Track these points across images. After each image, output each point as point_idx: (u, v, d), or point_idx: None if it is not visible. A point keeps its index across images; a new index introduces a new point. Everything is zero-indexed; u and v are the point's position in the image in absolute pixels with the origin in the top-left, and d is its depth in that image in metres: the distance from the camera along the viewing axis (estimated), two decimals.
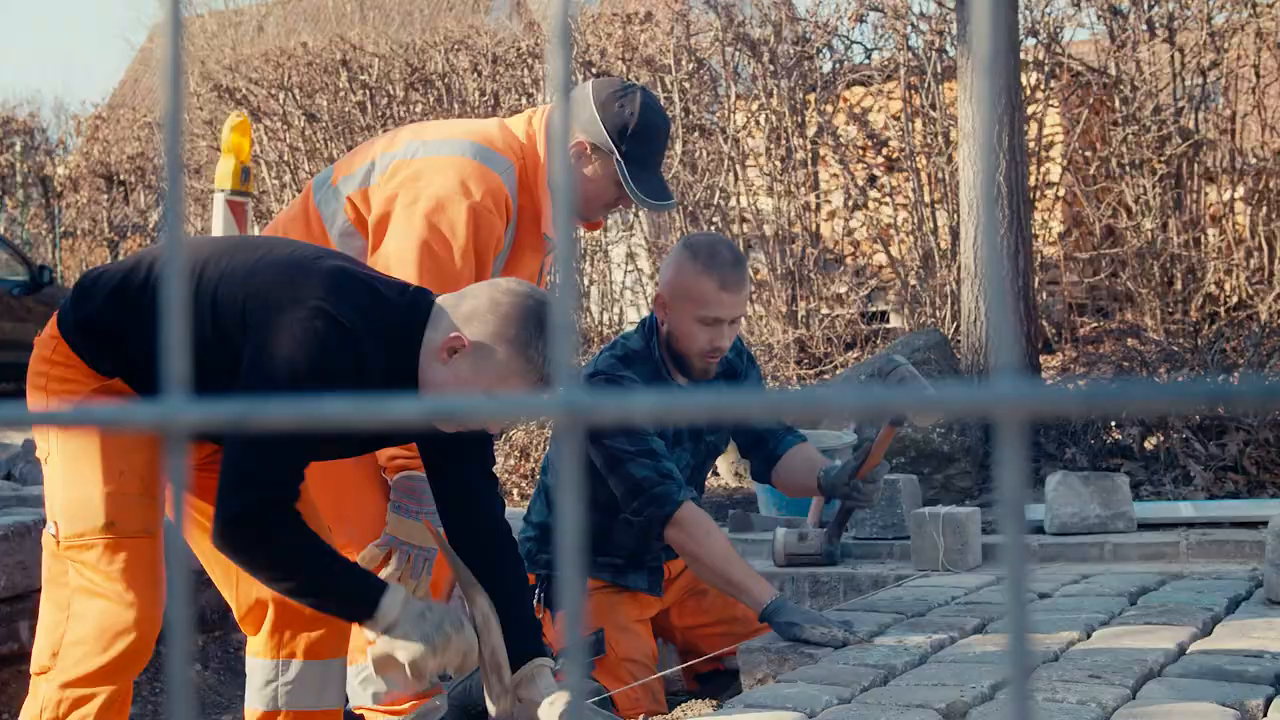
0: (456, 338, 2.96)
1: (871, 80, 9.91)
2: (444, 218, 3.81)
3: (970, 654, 3.43)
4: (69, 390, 3.13)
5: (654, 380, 4.05)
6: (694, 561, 3.94)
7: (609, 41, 10.87)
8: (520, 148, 3.96)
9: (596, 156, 3.89)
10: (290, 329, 2.90)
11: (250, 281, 3.01)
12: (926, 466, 6.64)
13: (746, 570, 3.85)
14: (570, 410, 0.59)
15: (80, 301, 3.17)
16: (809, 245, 9.89)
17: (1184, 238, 8.99)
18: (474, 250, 3.82)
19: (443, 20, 19.94)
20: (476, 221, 3.81)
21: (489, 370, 2.95)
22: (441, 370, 2.98)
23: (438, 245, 3.79)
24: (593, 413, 0.59)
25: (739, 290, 4.01)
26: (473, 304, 3.01)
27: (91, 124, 17.85)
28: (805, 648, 3.55)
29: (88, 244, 16.74)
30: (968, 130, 7.45)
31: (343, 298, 2.96)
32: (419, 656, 2.97)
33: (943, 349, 7.18)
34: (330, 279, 3.00)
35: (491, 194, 3.85)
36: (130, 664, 3.11)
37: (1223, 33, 8.92)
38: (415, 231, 3.81)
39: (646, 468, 3.90)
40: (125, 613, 3.08)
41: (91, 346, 3.12)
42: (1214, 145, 9.05)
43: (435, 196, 3.83)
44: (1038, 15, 9.26)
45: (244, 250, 3.14)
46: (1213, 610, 3.85)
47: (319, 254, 3.16)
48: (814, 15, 10.19)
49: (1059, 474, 5.51)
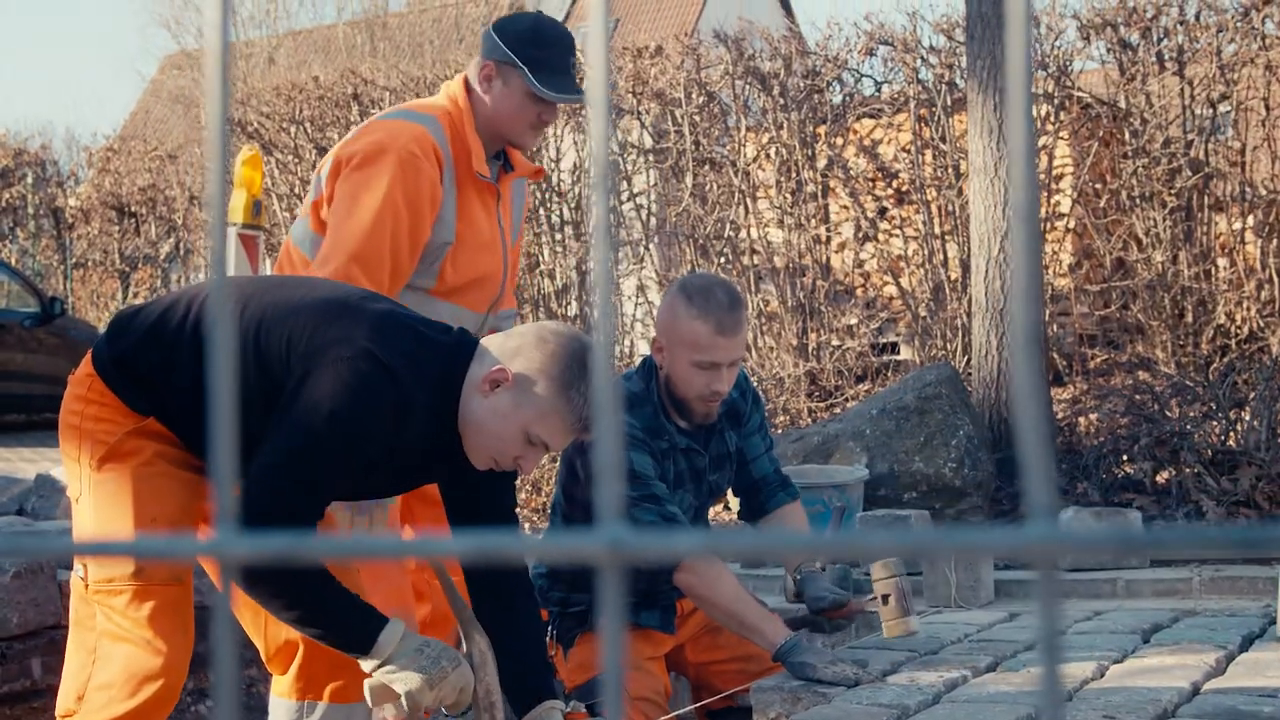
0: (500, 370, 2.97)
1: (881, 113, 9.94)
2: (369, 170, 3.89)
3: (983, 694, 3.42)
4: (105, 430, 3.10)
5: (654, 424, 4.01)
6: (705, 605, 3.94)
7: (620, 75, 10.91)
8: (442, 106, 4.09)
9: (503, 73, 4.02)
10: (335, 368, 2.91)
11: (294, 318, 3.01)
12: (938, 501, 6.63)
13: (760, 611, 3.84)
14: (614, 548, 0.59)
15: (116, 338, 3.15)
16: (819, 278, 9.90)
17: (1195, 270, 8.99)
18: (405, 195, 3.88)
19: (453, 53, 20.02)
20: (403, 167, 3.88)
21: (529, 406, 2.96)
22: (482, 404, 2.99)
23: (368, 197, 3.86)
24: (636, 550, 0.59)
25: (735, 334, 3.93)
26: (519, 341, 3.02)
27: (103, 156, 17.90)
28: (819, 687, 3.54)
29: (99, 275, 16.78)
30: (979, 165, 7.46)
31: (388, 340, 2.97)
32: (416, 688, 2.97)
33: (954, 383, 7.18)
34: (377, 320, 3.01)
35: (415, 140, 3.93)
36: (155, 710, 3.09)
37: (1232, 65, 8.94)
38: (347, 192, 3.90)
39: (651, 513, 3.87)
40: (152, 659, 3.06)
41: (128, 384, 3.10)
42: (1224, 176, 9.06)
43: (360, 154, 3.93)
44: (1048, 49, 9.28)
45: (287, 288, 3.16)
46: (1226, 648, 3.84)
47: (365, 295, 3.19)
48: (824, 49, 10.22)
49: (1071, 509, 5.51)
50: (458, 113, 4.06)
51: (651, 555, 0.58)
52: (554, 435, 3.01)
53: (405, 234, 3.88)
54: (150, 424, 3.08)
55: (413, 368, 2.95)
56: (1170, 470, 6.78)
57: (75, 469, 3.15)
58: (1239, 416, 7.21)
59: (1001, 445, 7.25)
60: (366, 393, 2.90)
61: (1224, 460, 6.72)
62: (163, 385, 3.07)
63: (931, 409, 6.89)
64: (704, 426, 4.11)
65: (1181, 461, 6.69)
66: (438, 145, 3.98)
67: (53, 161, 18.34)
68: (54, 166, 18.23)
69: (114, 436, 3.09)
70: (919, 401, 6.92)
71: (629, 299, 11.04)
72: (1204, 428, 7.12)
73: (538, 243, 11.22)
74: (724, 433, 4.20)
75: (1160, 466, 6.84)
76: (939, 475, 6.70)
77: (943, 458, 6.74)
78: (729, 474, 4.28)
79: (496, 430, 3.00)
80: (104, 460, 3.09)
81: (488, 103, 4.05)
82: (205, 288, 3.20)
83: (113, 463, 3.08)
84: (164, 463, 3.08)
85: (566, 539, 0.62)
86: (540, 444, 3.02)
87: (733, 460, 4.26)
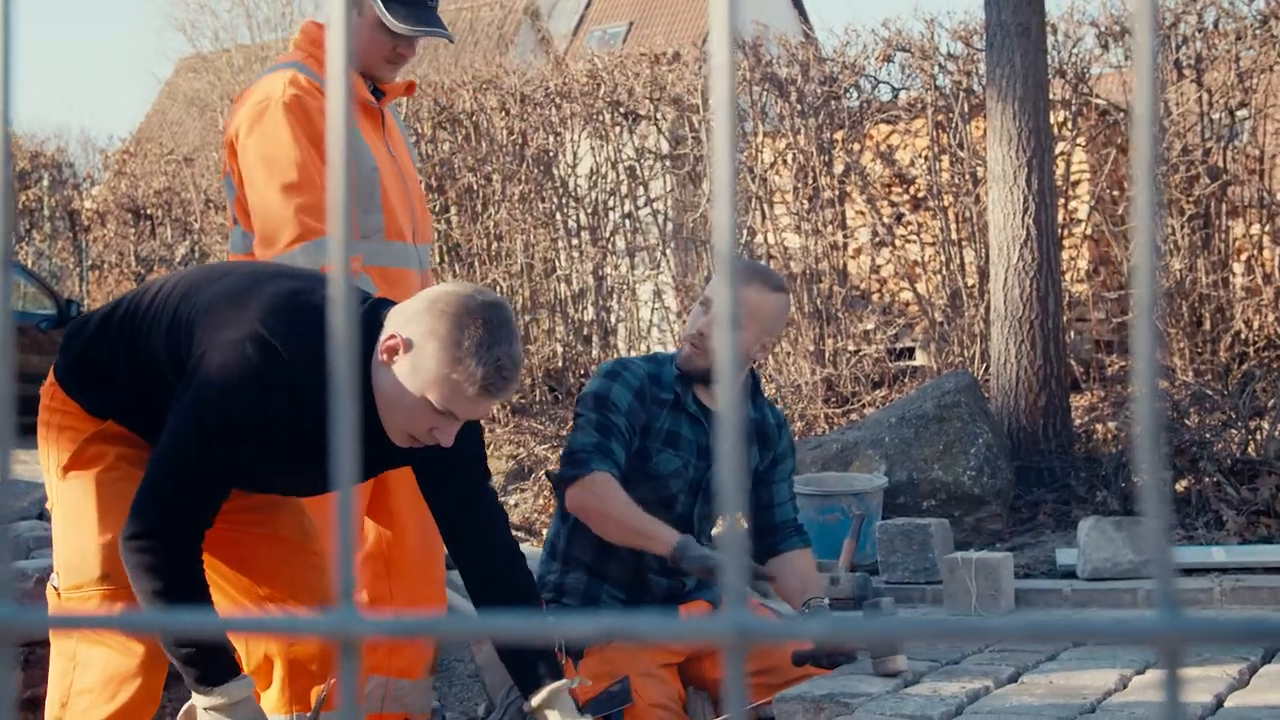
0: (392, 338, 2.83)
1: (899, 119, 9.93)
2: (263, 126, 3.84)
3: (1006, 705, 3.42)
4: (68, 438, 3.11)
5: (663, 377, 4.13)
6: (601, 521, 3.97)
7: (636, 81, 10.91)
8: (300, 52, 4.05)
9: (358, 3, 3.94)
10: (222, 352, 2.83)
11: (202, 303, 2.96)
12: (957, 509, 6.63)
13: (651, 519, 3.90)
14: (739, 631, 0.59)
15: (69, 345, 3.16)
16: (836, 284, 9.90)
17: (1213, 277, 8.98)
18: (309, 136, 3.82)
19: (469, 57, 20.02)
20: (291, 112, 3.83)
21: (424, 371, 2.81)
22: (385, 376, 2.85)
23: (274, 153, 3.81)
24: (761, 635, 0.59)
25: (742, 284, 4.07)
26: (414, 305, 2.88)
27: (119, 158, 17.94)
28: (841, 697, 3.54)
29: (115, 277, 16.81)
30: (998, 173, 7.46)
31: (280, 321, 2.86)
32: None
33: (973, 391, 7.17)
34: (275, 302, 2.91)
35: (290, 83, 3.89)
36: (137, 712, 3.09)
37: (1251, 72, 8.92)
38: (252, 160, 3.84)
39: (591, 436, 3.96)
40: (127, 660, 3.06)
41: (84, 389, 3.10)
42: (1242, 183, 9.04)
43: (245, 121, 3.89)
44: (1065, 55, 9.27)
45: (212, 277, 3.10)
46: (1249, 660, 3.83)
47: (275, 275, 3.07)
48: (841, 55, 10.21)
49: (1091, 519, 5.50)
50: (319, 52, 4.00)
51: (775, 640, 0.58)
52: (455, 402, 2.83)
53: (326, 174, 3.82)
54: (110, 426, 3.07)
55: (310, 347, 2.76)
56: (1190, 479, 6.77)
57: (47, 478, 3.17)
58: (1258, 425, 7.20)
59: (1020, 453, 7.25)
60: (252, 375, 2.81)
61: (1244, 469, 6.71)
62: (111, 384, 3.06)
63: (951, 417, 6.88)
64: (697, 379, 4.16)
65: (1201, 470, 6.67)
66: (313, 81, 3.91)
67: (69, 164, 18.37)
68: (70, 169, 18.27)
69: (76, 444, 3.10)
70: (938, 410, 6.92)
71: (645, 304, 11.04)
72: (1223, 436, 7.11)
73: (554, 248, 11.23)
74: (749, 443, 4.22)
75: (1179, 475, 6.82)
76: (958, 483, 6.69)
77: (962, 466, 6.73)
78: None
79: (400, 401, 2.85)
80: (68, 468, 3.09)
81: None
82: (149, 285, 3.17)
83: (77, 470, 3.09)
84: (126, 465, 3.07)
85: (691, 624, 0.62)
86: (448, 413, 2.85)
87: (749, 476, 4.27)
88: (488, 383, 2.79)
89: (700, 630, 0.60)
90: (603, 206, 11.13)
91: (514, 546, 3.28)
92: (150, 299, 3.07)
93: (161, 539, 2.80)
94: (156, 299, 3.05)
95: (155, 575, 2.81)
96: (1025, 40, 7.37)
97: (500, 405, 10.79)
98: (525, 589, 3.27)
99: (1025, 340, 7.35)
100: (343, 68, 0.63)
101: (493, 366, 2.78)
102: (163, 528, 2.81)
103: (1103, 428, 8.08)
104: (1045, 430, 7.36)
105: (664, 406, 4.11)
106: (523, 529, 7.93)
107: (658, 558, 4.03)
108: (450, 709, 5.41)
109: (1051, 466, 7.23)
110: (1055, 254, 7.57)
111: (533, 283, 11.24)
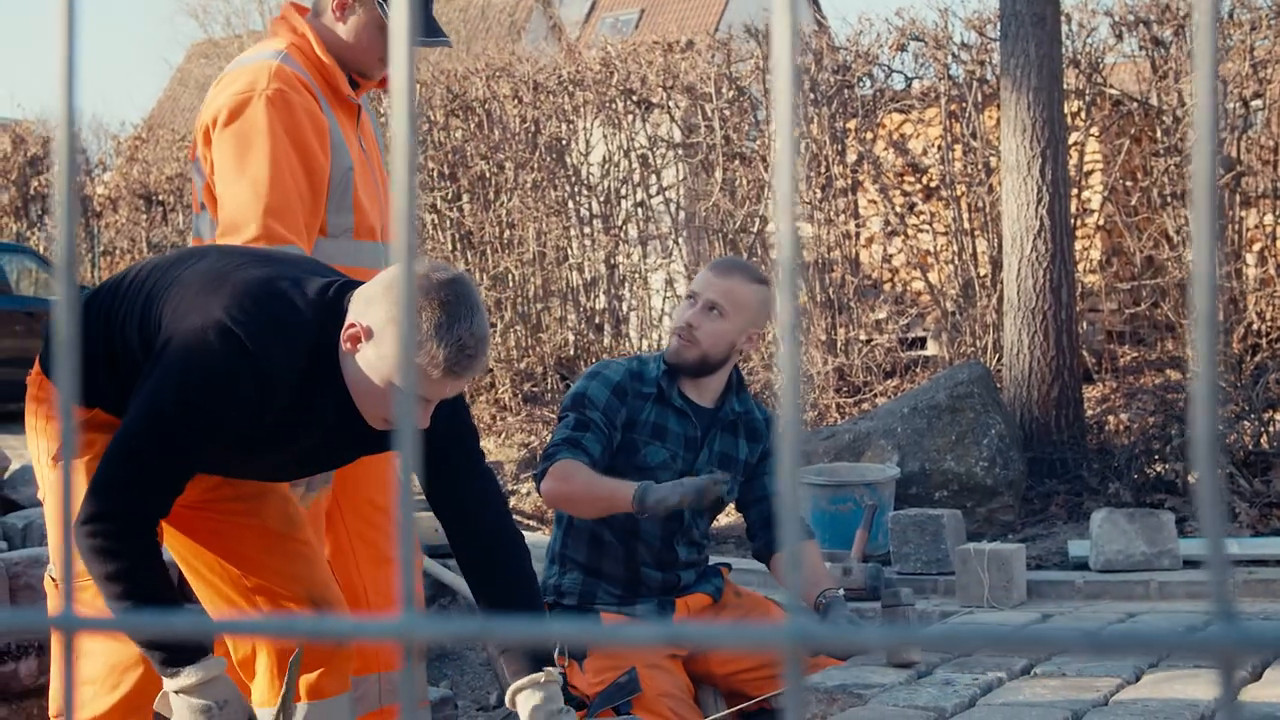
0: (352, 325, 2.80)
1: (912, 108, 9.92)
2: (241, 121, 3.72)
3: (1019, 698, 3.42)
4: (55, 427, 3.08)
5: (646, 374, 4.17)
6: (569, 502, 4.04)
7: (650, 69, 10.90)
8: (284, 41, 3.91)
9: (359, 5, 3.88)
10: (185, 342, 2.80)
11: (173, 288, 2.92)
12: (969, 500, 6.63)
13: (610, 480, 3.94)
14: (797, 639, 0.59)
15: (50, 335, 3.13)
16: (848, 273, 9.89)
17: (1226, 269, 8.96)
18: (289, 134, 3.72)
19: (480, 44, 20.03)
20: (274, 106, 3.71)
21: (387, 359, 2.78)
22: (351, 364, 2.82)
23: (253, 149, 3.70)
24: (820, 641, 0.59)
25: (724, 277, 4.15)
26: (371, 289, 2.83)
27: (131, 144, 17.97)
28: (854, 688, 3.54)
29: (126, 263, 16.83)
30: (1011, 163, 7.45)
31: (246, 309, 2.82)
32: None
33: (985, 382, 7.17)
34: (243, 289, 2.86)
35: (276, 76, 3.76)
36: (140, 701, 3.06)
37: (1265, 63, 8.89)
38: (228, 151, 3.72)
39: (563, 433, 4.04)
40: (127, 648, 3.04)
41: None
42: (1256, 174, 9.02)
43: (225, 109, 3.75)
44: (1080, 45, 9.25)
45: (182, 256, 3.07)
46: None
47: (241, 263, 3.01)
48: (854, 44, 10.20)
49: (1104, 511, 5.50)
50: (305, 43, 3.89)
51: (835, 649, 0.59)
52: (422, 386, 2.79)
53: (302, 174, 3.72)
54: (97, 414, 3.00)
55: (277, 336, 2.77)
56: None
57: (37, 467, 3.13)
58: (1271, 418, 7.19)
59: (1033, 444, 7.25)
60: (214, 363, 2.77)
61: (1257, 461, 6.71)
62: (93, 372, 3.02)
63: (963, 408, 6.88)
64: (711, 411, 4.20)
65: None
66: (299, 75, 3.81)
67: (81, 150, 18.39)
68: (82, 155, 18.29)
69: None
70: (951, 400, 6.92)
71: (657, 293, 11.04)
72: (1236, 429, 7.10)
73: (566, 236, 11.23)
74: (736, 436, 4.23)
75: (1192, 467, 6.82)
76: (970, 474, 6.69)
77: (974, 456, 6.73)
78: (735, 483, 4.27)
79: (369, 388, 2.82)
80: (56, 459, 3.07)
81: (340, 32, 3.90)
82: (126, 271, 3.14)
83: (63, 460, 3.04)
84: None
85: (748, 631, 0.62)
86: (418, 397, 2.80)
87: (739, 470, 4.26)
88: (451, 363, 2.74)
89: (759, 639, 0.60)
90: (615, 195, 11.13)
91: (513, 528, 3.22)
92: (127, 285, 3.03)
93: (114, 523, 2.73)
94: (132, 284, 3.01)
95: (107, 559, 2.75)
96: (1040, 30, 7.36)
97: (512, 394, 10.81)
98: (524, 574, 3.17)
99: (1038, 331, 7.34)
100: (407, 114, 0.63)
101: (454, 346, 2.72)
102: (116, 512, 2.75)
103: (1115, 419, 8.08)
104: (1058, 421, 7.36)
105: (646, 400, 4.15)
106: (535, 517, 7.94)
107: (650, 552, 4.10)
108: (462, 697, 5.43)
109: (1064, 458, 7.23)
110: (1069, 244, 7.57)
111: (545, 270, 11.24)
